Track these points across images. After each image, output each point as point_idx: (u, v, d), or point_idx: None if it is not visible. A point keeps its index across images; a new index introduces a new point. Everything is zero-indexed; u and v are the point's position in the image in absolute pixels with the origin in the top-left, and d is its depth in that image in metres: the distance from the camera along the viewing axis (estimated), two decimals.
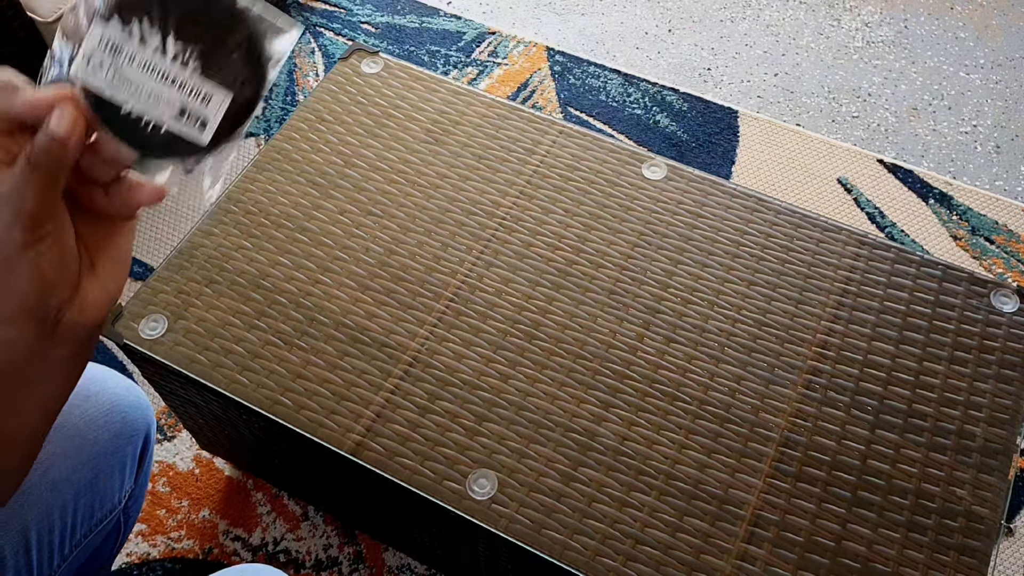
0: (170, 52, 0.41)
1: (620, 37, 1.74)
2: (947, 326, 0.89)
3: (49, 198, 0.42)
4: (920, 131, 1.58)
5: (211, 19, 0.42)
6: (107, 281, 0.46)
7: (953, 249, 1.42)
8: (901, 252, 0.94)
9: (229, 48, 0.42)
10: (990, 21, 1.76)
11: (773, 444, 0.82)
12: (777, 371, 0.86)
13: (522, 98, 1.61)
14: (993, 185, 1.50)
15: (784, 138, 1.56)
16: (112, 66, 0.41)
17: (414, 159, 1.01)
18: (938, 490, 0.80)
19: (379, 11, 1.76)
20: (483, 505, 0.79)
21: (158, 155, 0.43)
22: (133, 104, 0.41)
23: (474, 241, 0.95)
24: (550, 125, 1.04)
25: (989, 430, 0.83)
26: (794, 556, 0.77)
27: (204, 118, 0.42)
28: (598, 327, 0.89)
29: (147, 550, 1.14)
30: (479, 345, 0.88)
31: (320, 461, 0.90)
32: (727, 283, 0.92)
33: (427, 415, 0.84)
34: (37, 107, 0.42)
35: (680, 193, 0.99)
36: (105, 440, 0.77)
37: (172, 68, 0.41)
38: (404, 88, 1.08)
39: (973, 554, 0.76)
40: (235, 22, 0.42)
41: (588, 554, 0.77)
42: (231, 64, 0.42)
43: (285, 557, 1.14)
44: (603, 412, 0.84)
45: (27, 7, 1.13)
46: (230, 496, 1.18)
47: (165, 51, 0.41)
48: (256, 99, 0.44)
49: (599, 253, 0.94)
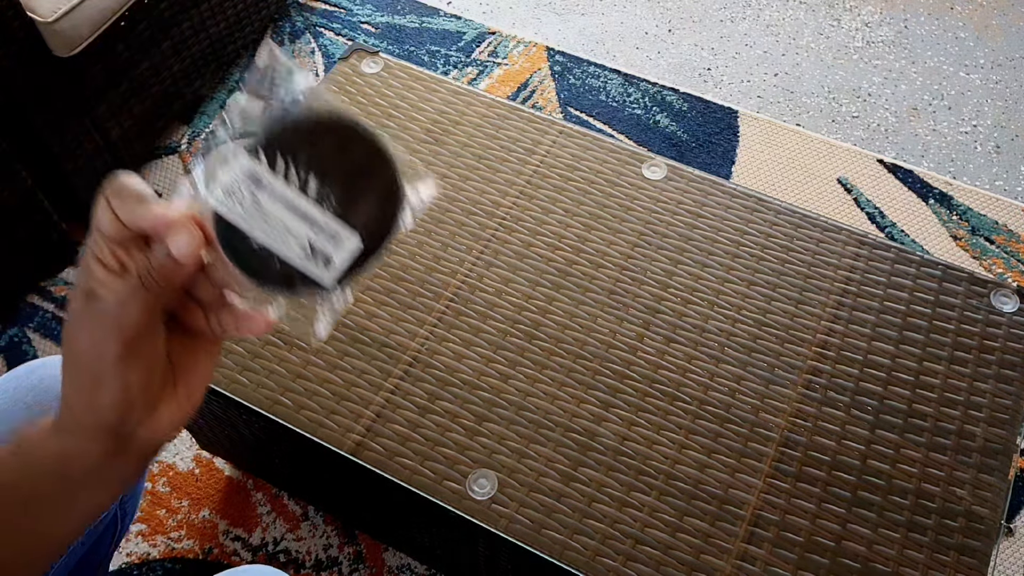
0: (310, 190, 0.41)
1: (620, 37, 1.74)
2: (947, 326, 0.89)
3: (152, 317, 0.41)
4: (920, 131, 1.58)
5: (354, 161, 0.42)
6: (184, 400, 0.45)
7: (953, 249, 1.42)
8: (901, 252, 0.94)
9: (367, 191, 0.42)
10: (990, 21, 1.76)
11: (773, 444, 0.82)
12: (777, 371, 0.86)
13: (522, 98, 1.61)
14: (993, 185, 1.50)
15: (784, 138, 1.56)
16: (249, 198, 0.41)
17: (414, 159, 1.01)
18: (938, 490, 0.80)
19: (379, 11, 1.76)
20: (483, 505, 0.79)
21: (277, 288, 0.43)
22: (263, 236, 0.41)
23: (474, 241, 0.95)
24: (550, 125, 1.04)
25: (989, 430, 0.83)
26: (794, 556, 0.77)
27: (330, 258, 0.42)
28: (598, 327, 0.89)
29: (147, 550, 1.14)
30: (479, 345, 0.88)
31: (320, 461, 0.90)
32: (727, 283, 0.92)
33: (427, 415, 0.84)
34: (161, 224, 0.41)
35: (680, 193, 0.99)
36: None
37: (308, 206, 0.41)
38: (404, 88, 1.08)
39: (973, 554, 0.76)
40: (377, 166, 0.43)
41: (588, 554, 0.77)
42: (367, 207, 0.42)
43: (285, 557, 1.14)
44: (603, 412, 0.84)
45: (27, 7, 1.13)
46: (230, 496, 1.18)
47: (305, 189, 0.41)
48: (384, 244, 0.43)
49: (599, 253, 0.94)
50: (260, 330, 0.45)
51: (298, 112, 0.42)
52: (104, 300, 0.41)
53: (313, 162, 0.41)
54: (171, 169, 1.51)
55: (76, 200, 1.37)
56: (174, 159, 1.52)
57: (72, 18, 1.17)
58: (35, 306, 1.35)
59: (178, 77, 1.46)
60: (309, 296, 0.43)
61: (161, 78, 1.42)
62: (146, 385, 0.42)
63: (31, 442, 0.44)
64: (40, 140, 1.24)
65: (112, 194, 0.41)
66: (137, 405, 0.42)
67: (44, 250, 1.34)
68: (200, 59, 1.49)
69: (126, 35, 1.30)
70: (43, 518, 0.44)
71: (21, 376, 0.71)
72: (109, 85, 1.32)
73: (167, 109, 1.47)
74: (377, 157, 0.43)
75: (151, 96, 1.41)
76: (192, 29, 1.44)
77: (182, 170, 1.50)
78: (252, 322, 0.44)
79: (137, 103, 1.39)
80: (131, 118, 1.39)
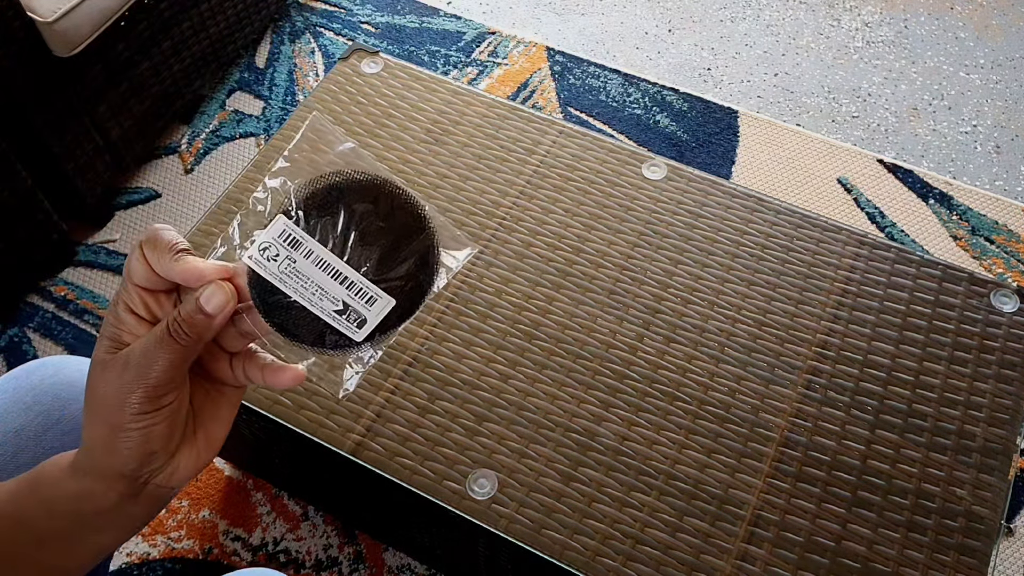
0: (348, 252, 0.42)
1: (620, 37, 1.74)
2: (947, 326, 0.89)
3: (178, 370, 0.41)
4: (920, 131, 1.58)
5: (393, 226, 0.43)
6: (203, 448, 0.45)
7: (953, 249, 1.42)
8: (901, 252, 0.94)
9: (404, 256, 0.43)
10: (990, 21, 1.76)
11: (773, 444, 0.82)
12: (777, 371, 0.86)
13: (522, 98, 1.61)
14: (993, 185, 1.50)
15: (784, 138, 1.56)
16: (286, 258, 0.42)
17: (414, 159, 1.01)
18: (938, 490, 0.80)
19: (379, 11, 1.76)
20: (483, 505, 0.79)
21: (308, 344, 0.43)
22: (297, 296, 0.42)
23: (474, 241, 0.95)
24: (550, 125, 1.04)
25: (989, 430, 0.83)
26: (794, 556, 0.77)
27: (364, 318, 0.43)
28: (598, 327, 0.89)
29: (147, 550, 1.14)
30: (479, 345, 0.88)
31: (320, 461, 0.90)
32: (727, 283, 0.92)
33: (427, 415, 0.84)
34: (193, 276, 0.42)
35: (680, 193, 0.99)
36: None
37: (345, 267, 0.42)
38: (404, 88, 1.08)
39: (973, 554, 0.76)
40: (416, 231, 0.43)
41: (588, 554, 0.77)
42: (402, 271, 0.43)
43: (285, 557, 1.14)
44: (603, 412, 0.84)
45: (27, 7, 1.13)
46: (230, 496, 1.18)
47: (343, 252, 0.42)
48: (416, 308, 0.44)
49: (599, 253, 0.94)
50: (288, 383, 0.45)
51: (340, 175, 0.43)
52: (131, 349, 0.41)
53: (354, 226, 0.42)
54: (171, 169, 1.51)
55: (76, 200, 1.37)
56: (174, 159, 1.52)
57: (72, 18, 1.17)
58: (35, 306, 1.35)
59: (178, 77, 1.46)
60: (340, 353, 0.44)
61: (161, 78, 1.42)
62: (168, 435, 0.42)
63: (50, 480, 0.44)
64: (40, 140, 1.24)
65: (147, 244, 0.41)
66: (158, 455, 0.42)
67: (44, 250, 1.34)
68: (200, 59, 1.49)
69: (126, 35, 1.30)
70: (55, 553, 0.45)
71: (20, 377, 0.71)
72: (109, 85, 1.32)
73: (167, 109, 1.47)
74: (416, 222, 0.43)
75: (151, 96, 1.42)
76: (192, 29, 1.44)
77: (182, 171, 1.50)
78: (280, 374, 0.45)
79: (137, 103, 1.39)
80: (131, 118, 1.39)
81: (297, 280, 0.42)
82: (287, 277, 0.42)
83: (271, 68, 1.64)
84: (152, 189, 1.49)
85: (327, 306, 0.42)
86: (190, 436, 0.44)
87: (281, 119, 1.57)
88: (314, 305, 0.42)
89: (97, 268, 1.39)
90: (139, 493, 0.43)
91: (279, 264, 0.42)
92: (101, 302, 1.36)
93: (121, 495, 0.43)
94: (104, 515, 0.43)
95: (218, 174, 1.50)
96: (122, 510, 0.43)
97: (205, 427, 0.45)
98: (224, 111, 1.58)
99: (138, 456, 0.42)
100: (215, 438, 0.46)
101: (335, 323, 0.43)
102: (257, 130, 1.55)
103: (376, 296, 0.43)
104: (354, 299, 0.42)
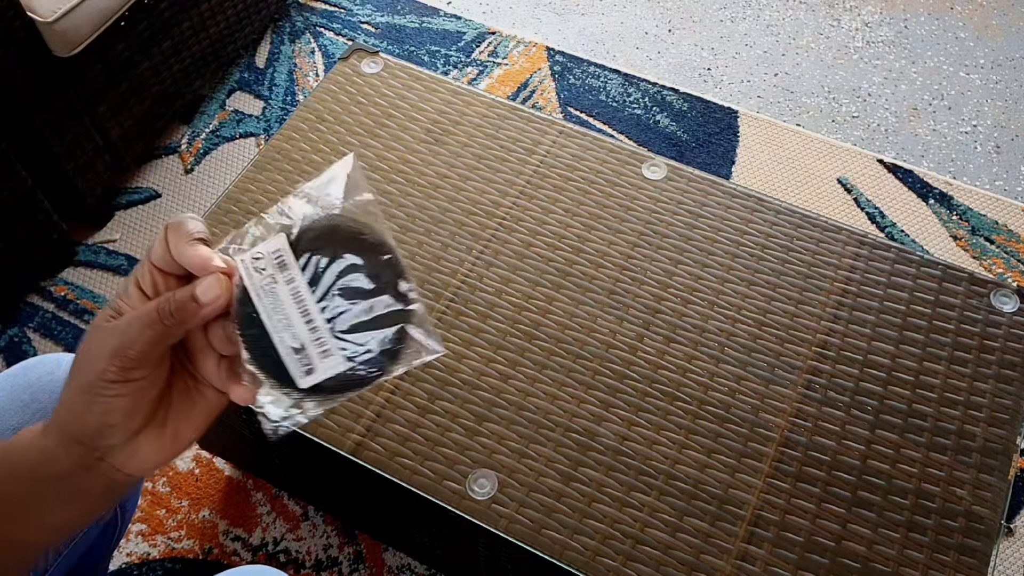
0: (325, 299, 0.42)
1: (620, 37, 1.74)
2: (947, 326, 0.89)
3: (156, 349, 0.42)
4: (920, 131, 1.58)
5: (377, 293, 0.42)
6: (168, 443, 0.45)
7: (953, 249, 1.42)
8: (901, 252, 0.94)
9: (376, 325, 0.42)
10: (990, 21, 1.76)
11: (773, 444, 0.82)
12: (777, 371, 0.86)
13: (522, 98, 1.61)
14: (993, 185, 1.50)
15: (784, 138, 1.56)
16: (270, 276, 0.42)
17: (414, 159, 1.01)
18: (938, 490, 0.80)
19: (379, 11, 1.76)
20: (483, 505, 0.79)
21: (260, 367, 0.43)
22: (265, 317, 0.42)
23: (474, 241, 0.95)
24: (550, 125, 1.04)
25: (989, 430, 0.83)
26: (794, 556, 0.77)
27: (313, 368, 0.42)
28: (598, 327, 0.89)
29: (147, 550, 1.14)
30: (479, 345, 0.88)
31: (320, 461, 0.90)
32: (727, 283, 0.92)
33: (427, 415, 0.84)
34: (199, 265, 0.42)
35: (680, 193, 0.99)
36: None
37: (315, 312, 0.42)
38: (404, 88, 1.08)
39: (973, 554, 0.76)
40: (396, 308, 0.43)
41: (588, 554, 0.77)
42: (366, 340, 0.42)
43: (285, 557, 1.14)
44: (603, 412, 0.84)
45: (27, 7, 1.13)
46: (230, 496, 1.18)
47: (322, 296, 0.42)
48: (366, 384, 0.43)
49: (599, 253, 0.94)
50: (236, 397, 0.45)
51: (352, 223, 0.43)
52: (122, 318, 0.42)
53: (338, 276, 0.42)
54: (171, 169, 1.51)
55: (76, 200, 1.37)
56: (174, 159, 1.52)
57: (72, 18, 1.17)
58: (35, 306, 1.35)
59: (178, 77, 1.46)
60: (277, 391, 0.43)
61: (161, 78, 1.42)
62: (131, 412, 0.43)
63: (22, 441, 0.44)
64: (40, 140, 1.24)
65: (171, 227, 0.43)
66: (117, 429, 0.42)
67: (44, 250, 1.34)
68: (200, 59, 1.49)
69: (126, 35, 1.30)
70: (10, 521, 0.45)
71: (17, 374, 0.71)
72: (109, 85, 1.32)
73: (167, 109, 1.47)
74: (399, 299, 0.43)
75: (151, 96, 1.41)
76: (192, 29, 1.44)
77: (182, 171, 1.50)
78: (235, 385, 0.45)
79: (137, 103, 1.39)
80: (131, 118, 1.39)
81: (271, 302, 0.42)
82: (263, 295, 0.42)
83: (271, 68, 1.64)
84: (152, 189, 1.49)
85: (286, 339, 0.42)
86: (157, 426, 0.44)
87: (281, 119, 1.57)
88: (275, 332, 0.42)
89: (97, 268, 1.39)
90: (94, 467, 0.43)
91: (262, 279, 0.42)
92: (101, 302, 1.36)
93: (76, 463, 0.43)
94: (60, 481, 0.43)
95: (218, 174, 1.50)
96: (76, 480, 0.43)
97: (176, 423, 0.45)
98: (224, 111, 1.58)
99: (96, 425, 0.42)
100: (183, 438, 0.45)
101: (287, 359, 0.42)
102: (257, 130, 1.55)
103: (332, 352, 0.42)
104: (312, 344, 0.42)
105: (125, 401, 0.42)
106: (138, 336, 0.41)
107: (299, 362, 0.42)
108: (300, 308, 0.42)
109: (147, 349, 0.41)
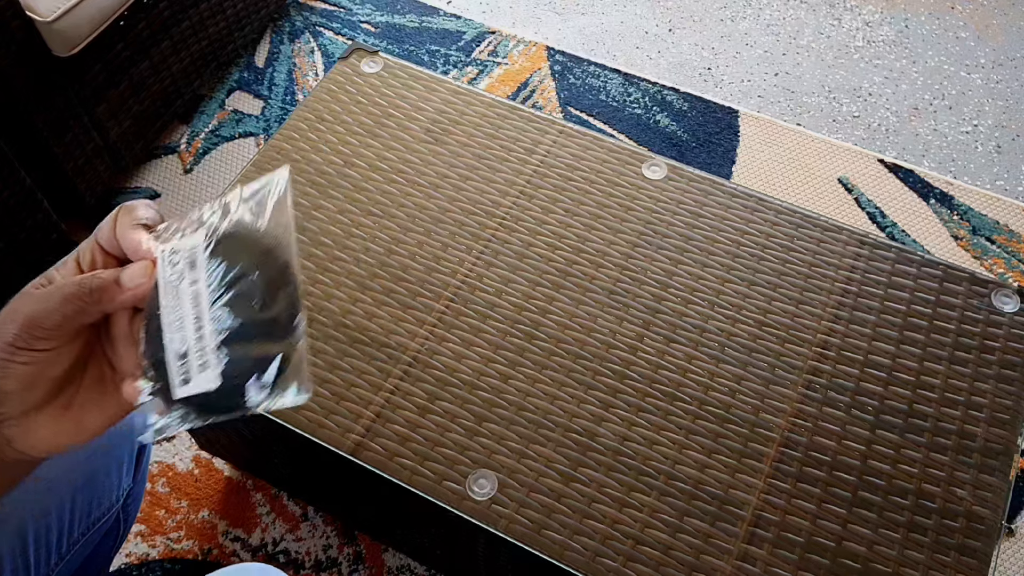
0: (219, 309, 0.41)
1: (620, 36, 1.74)
2: (948, 326, 0.89)
3: (70, 323, 0.41)
4: (921, 131, 1.58)
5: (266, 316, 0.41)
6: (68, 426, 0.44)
7: (954, 249, 1.42)
8: (902, 252, 0.94)
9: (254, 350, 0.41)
10: (991, 21, 1.76)
11: (773, 444, 0.82)
12: (777, 371, 0.86)
13: (522, 98, 1.61)
14: (994, 185, 1.50)
15: (784, 138, 1.56)
16: (179, 274, 0.41)
17: (414, 159, 1.01)
18: (939, 490, 0.79)
19: (379, 11, 1.76)
20: (483, 505, 0.79)
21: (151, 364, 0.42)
22: (164, 314, 0.41)
23: (474, 241, 0.95)
24: (550, 125, 1.04)
25: (990, 430, 0.83)
26: (794, 556, 0.76)
27: (189, 378, 0.41)
28: (598, 327, 0.89)
29: (146, 550, 1.14)
30: (479, 345, 0.88)
31: (320, 461, 0.90)
32: (727, 283, 0.92)
33: (427, 415, 0.84)
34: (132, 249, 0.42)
35: (680, 193, 0.99)
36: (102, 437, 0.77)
37: (206, 321, 0.41)
38: (404, 88, 1.07)
39: (973, 554, 0.76)
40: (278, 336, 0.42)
41: (588, 555, 0.76)
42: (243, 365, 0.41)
43: (285, 557, 1.14)
44: (603, 412, 0.84)
45: (26, 7, 1.13)
46: (230, 496, 1.18)
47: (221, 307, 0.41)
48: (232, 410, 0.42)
49: (599, 253, 0.94)
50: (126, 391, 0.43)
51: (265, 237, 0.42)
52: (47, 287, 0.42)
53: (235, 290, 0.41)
54: (171, 169, 1.51)
55: (76, 200, 1.37)
56: (174, 159, 1.52)
57: (71, 18, 1.17)
58: None
59: (178, 77, 1.46)
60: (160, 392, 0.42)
61: (161, 78, 1.42)
62: (30, 383, 0.42)
63: None
64: (40, 140, 1.24)
65: (124, 209, 0.43)
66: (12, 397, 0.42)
67: (44, 250, 1.34)
68: (200, 59, 1.49)
69: (125, 35, 1.30)
70: None
71: None
72: (109, 85, 1.31)
73: (167, 109, 1.47)
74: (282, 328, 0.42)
75: (151, 96, 1.41)
76: (192, 29, 1.44)
77: (182, 171, 1.50)
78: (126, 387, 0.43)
79: (136, 103, 1.39)
80: (131, 118, 1.39)
81: (173, 300, 0.41)
82: (169, 290, 0.41)
83: (271, 68, 1.64)
84: (151, 189, 1.48)
85: (175, 341, 0.41)
86: (60, 407, 0.44)
87: (281, 119, 1.56)
88: (168, 332, 0.41)
89: None
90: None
91: (172, 274, 0.41)
92: None
93: None
94: None
95: (217, 174, 1.50)
96: None
97: (82, 408, 0.44)
98: (224, 111, 1.58)
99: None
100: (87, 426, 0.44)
101: (171, 363, 0.41)
102: (256, 130, 1.55)
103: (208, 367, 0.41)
104: (195, 353, 0.41)
105: (26, 369, 0.41)
106: (56, 308, 0.41)
107: (179, 368, 0.41)
108: (195, 313, 0.41)
109: (60, 321, 0.41)
